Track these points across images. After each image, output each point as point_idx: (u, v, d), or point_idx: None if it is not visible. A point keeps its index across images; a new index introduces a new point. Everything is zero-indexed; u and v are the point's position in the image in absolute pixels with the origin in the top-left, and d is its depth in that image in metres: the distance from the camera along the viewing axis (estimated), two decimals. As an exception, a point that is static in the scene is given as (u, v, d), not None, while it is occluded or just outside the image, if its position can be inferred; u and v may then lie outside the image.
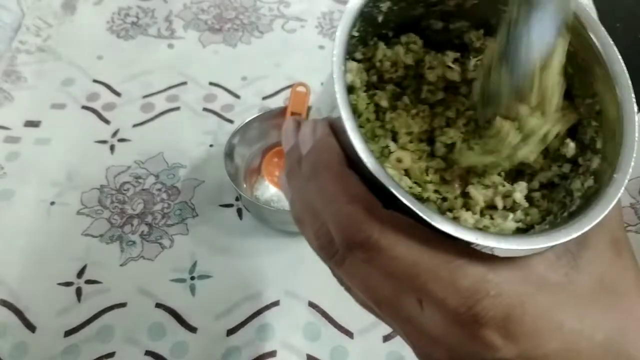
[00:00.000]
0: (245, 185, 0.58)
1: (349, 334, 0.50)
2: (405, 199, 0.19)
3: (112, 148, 0.62)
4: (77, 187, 0.58)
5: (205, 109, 0.66)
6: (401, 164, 0.25)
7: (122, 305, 0.50)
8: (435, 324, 0.19)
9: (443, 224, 0.19)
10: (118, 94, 0.67)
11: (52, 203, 0.57)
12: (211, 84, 0.68)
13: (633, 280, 0.21)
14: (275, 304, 0.51)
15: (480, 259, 0.19)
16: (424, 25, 0.28)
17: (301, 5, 0.79)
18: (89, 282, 0.51)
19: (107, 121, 0.64)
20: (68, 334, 0.48)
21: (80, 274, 0.52)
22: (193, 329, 0.49)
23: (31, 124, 0.63)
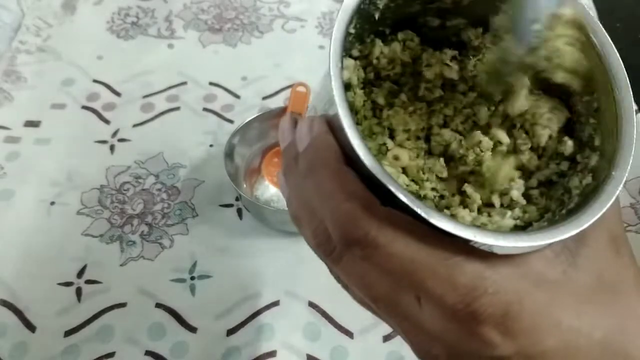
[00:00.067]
0: (245, 185, 0.58)
1: (349, 334, 0.50)
2: (402, 196, 0.19)
3: (112, 148, 0.62)
4: (77, 187, 0.58)
5: (205, 109, 0.66)
6: (398, 162, 0.25)
7: (122, 305, 0.50)
8: (433, 321, 0.19)
9: (441, 221, 0.19)
10: (118, 94, 0.67)
11: (52, 203, 0.57)
12: (211, 84, 0.68)
13: (632, 278, 0.21)
14: (275, 304, 0.51)
15: (478, 256, 0.19)
16: (420, 23, 0.28)
17: (301, 5, 0.79)
18: (89, 282, 0.51)
19: (107, 121, 0.64)
20: (68, 334, 0.48)
21: (80, 274, 0.52)
22: (193, 329, 0.49)
23: (31, 124, 0.63)
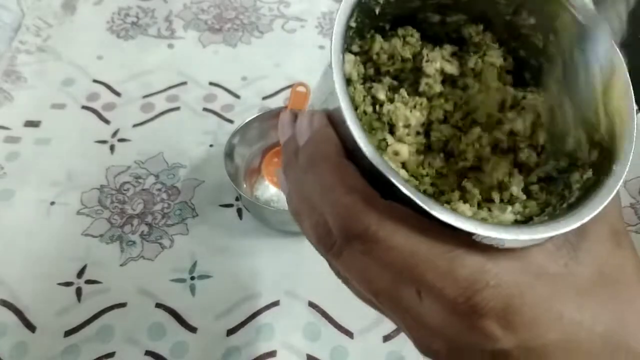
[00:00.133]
0: (245, 185, 0.58)
1: (349, 334, 0.50)
2: (404, 188, 0.19)
3: (112, 148, 0.62)
4: (77, 187, 0.58)
5: (205, 109, 0.66)
6: (398, 157, 0.25)
7: (122, 305, 0.50)
8: (434, 314, 0.19)
9: (442, 214, 0.19)
10: (118, 94, 0.67)
11: (52, 203, 0.57)
12: (211, 84, 0.68)
13: (633, 271, 0.21)
14: (275, 304, 0.51)
15: (479, 250, 0.19)
16: (420, 18, 0.28)
17: (301, 5, 0.79)
18: (89, 282, 0.51)
19: (107, 121, 0.64)
20: (68, 334, 0.48)
21: (80, 274, 0.52)
22: (193, 329, 0.49)
23: (31, 124, 0.63)
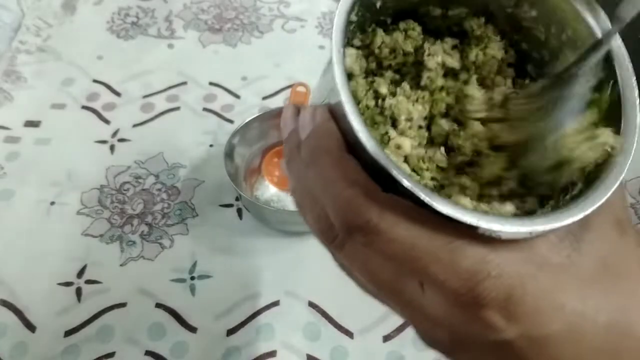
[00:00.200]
0: (245, 185, 0.58)
1: (349, 334, 0.50)
2: (405, 180, 0.19)
3: (112, 148, 0.62)
4: (77, 187, 0.58)
5: (205, 109, 0.66)
6: (400, 150, 0.25)
7: (122, 305, 0.50)
8: (437, 306, 0.19)
9: (444, 206, 0.19)
10: (118, 94, 0.67)
11: (52, 203, 0.57)
12: (211, 84, 0.68)
13: (637, 261, 0.21)
14: (275, 304, 0.51)
15: (480, 241, 0.19)
16: (422, 12, 0.28)
17: (301, 5, 0.79)
18: (89, 282, 0.51)
19: (107, 121, 0.64)
20: (68, 334, 0.48)
21: (80, 274, 0.52)
22: (193, 329, 0.49)
23: (31, 124, 0.63)
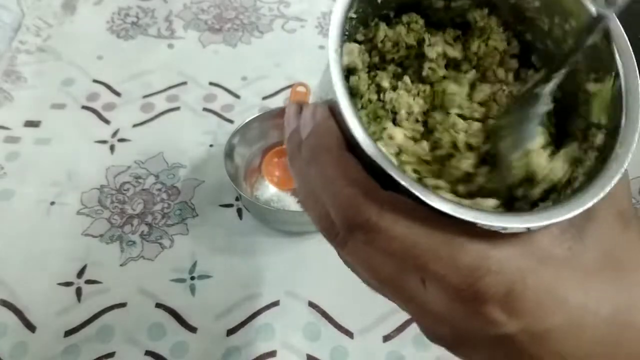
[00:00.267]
0: (245, 185, 0.58)
1: (349, 334, 0.50)
2: (401, 179, 0.19)
3: (112, 148, 0.62)
4: (77, 187, 0.58)
5: (205, 109, 0.66)
6: (392, 141, 0.25)
7: (122, 305, 0.50)
8: (438, 302, 0.20)
9: (441, 204, 0.19)
10: (118, 94, 0.67)
11: (52, 203, 0.57)
12: (211, 84, 0.68)
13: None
14: (275, 304, 0.51)
15: (481, 236, 0.19)
16: (425, 5, 0.27)
17: (301, 5, 0.79)
18: (89, 282, 0.51)
19: (107, 121, 0.64)
20: (68, 334, 0.48)
21: (80, 274, 0.52)
22: (193, 329, 0.49)
23: (31, 124, 0.63)
